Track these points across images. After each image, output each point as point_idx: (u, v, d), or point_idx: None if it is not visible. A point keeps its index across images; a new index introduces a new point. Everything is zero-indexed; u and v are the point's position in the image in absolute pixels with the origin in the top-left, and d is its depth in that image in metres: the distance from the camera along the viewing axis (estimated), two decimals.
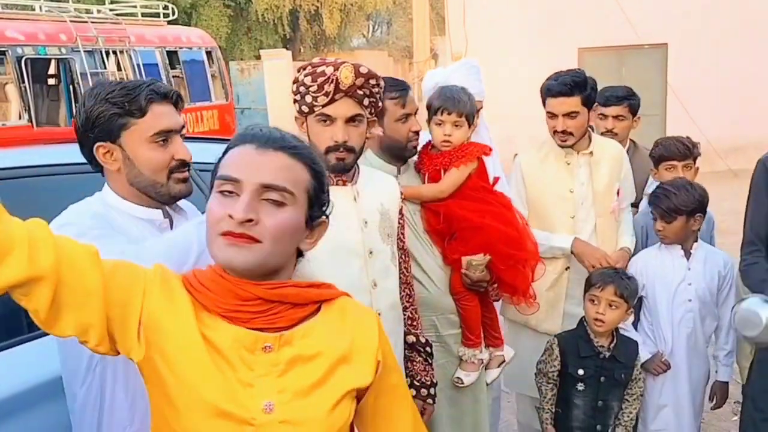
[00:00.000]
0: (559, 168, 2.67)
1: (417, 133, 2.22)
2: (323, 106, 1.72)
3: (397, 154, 2.24)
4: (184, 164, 1.56)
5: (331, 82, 1.69)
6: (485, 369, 2.41)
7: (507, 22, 10.61)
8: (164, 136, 1.53)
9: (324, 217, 1.17)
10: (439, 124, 2.27)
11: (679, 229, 2.53)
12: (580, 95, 2.55)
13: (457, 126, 2.26)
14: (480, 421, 2.43)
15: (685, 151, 2.74)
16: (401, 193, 2.02)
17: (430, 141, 2.36)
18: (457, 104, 2.25)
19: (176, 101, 1.57)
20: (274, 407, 1.08)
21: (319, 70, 1.70)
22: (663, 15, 10.10)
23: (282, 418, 1.07)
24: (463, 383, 2.31)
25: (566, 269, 2.67)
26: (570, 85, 2.55)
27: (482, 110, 2.65)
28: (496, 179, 2.43)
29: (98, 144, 1.51)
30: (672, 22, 10.14)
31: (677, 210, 2.50)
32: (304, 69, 1.73)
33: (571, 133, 2.58)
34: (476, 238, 2.23)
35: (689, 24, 10.12)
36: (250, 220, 1.05)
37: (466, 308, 2.32)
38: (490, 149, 2.37)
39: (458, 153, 2.26)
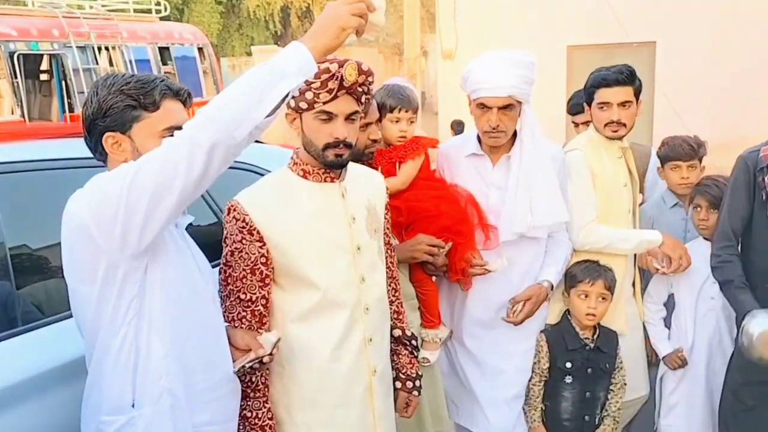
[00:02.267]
0: (614, 162, 2.63)
1: (375, 141, 2.26)
2: (324, 103, 1.72)
3: (354, 160, 2.27)
4: None
5: (336, 79, 1.69)
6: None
7: (496, 20, 10.68)
8: (173, 132, 1.52)
9: None
10: (396, 121, 2.38)
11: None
12: (633, 86, 2.57)
13: (411, 122, 2.39)
14: (438, 392, 2.51)
15: (690, 151, 2.77)
16: (386, 188, 2.06)
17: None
18: (411, 102, 2.38)
19: (185, 99, 1.62)
20: None
21: (323, 66, 1.68)
22: (651, 13, 10.21)
23: None
24: (429, 362, 2.42)
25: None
26: (626, 74, 2.55)
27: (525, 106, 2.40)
28: (434, 171, 2.55)
29: (108, 134, 1.53)
30: (660, 20, 10.25)
31: None
32: None
33: (624, 124, 2.57)
34: (433, 225, 2.35)
35: (678, 23, 10.23)
36: None
37: (427, 293, 2.45)
38: (437, 142, 2.52)
39: (411, 147, 2.39)
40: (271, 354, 1.71)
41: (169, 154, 1.39)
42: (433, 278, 2.48)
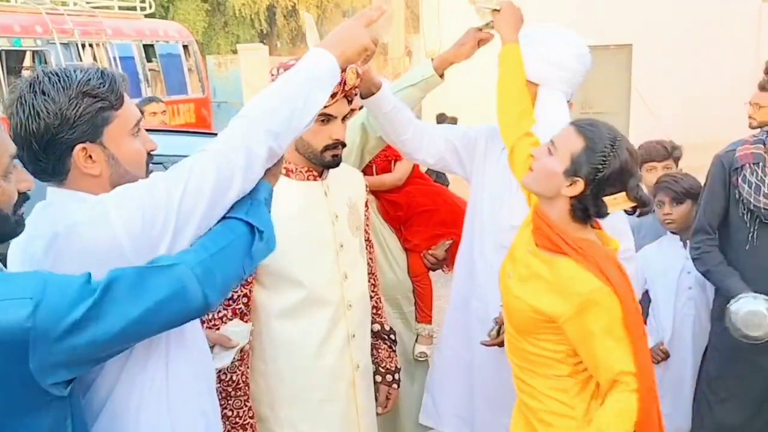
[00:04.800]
0: None
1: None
2: (326, 106, 1.66)
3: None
4: (151, 156, 1.40)
5: (340, 83, 1.69)
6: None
7: (478, 22, 10.81)
8: (138, 127, 1.36)
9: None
10: None
11: (686, 214, 2.65)
12: None
13: None
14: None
15: (664, 152, 2.90)
16: (366, 186, 2.08)
17: None
18: None
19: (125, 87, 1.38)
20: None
21: None
22: (628, 16, 10.40)
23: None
24: (426, 356, 2.50)
25: None
26: None
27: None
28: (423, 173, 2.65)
29: (79, 146, 1.26)
30: (637, 23, 10.44)
31: (687, 193, 2.64)
32: None
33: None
34: (431, 220, 2.46)
35: (653, 26, 10.42)
36: None
37: (424, 287, 2.55)
38: None
39: None
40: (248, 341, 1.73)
41: (224, 165, 1.27)
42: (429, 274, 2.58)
